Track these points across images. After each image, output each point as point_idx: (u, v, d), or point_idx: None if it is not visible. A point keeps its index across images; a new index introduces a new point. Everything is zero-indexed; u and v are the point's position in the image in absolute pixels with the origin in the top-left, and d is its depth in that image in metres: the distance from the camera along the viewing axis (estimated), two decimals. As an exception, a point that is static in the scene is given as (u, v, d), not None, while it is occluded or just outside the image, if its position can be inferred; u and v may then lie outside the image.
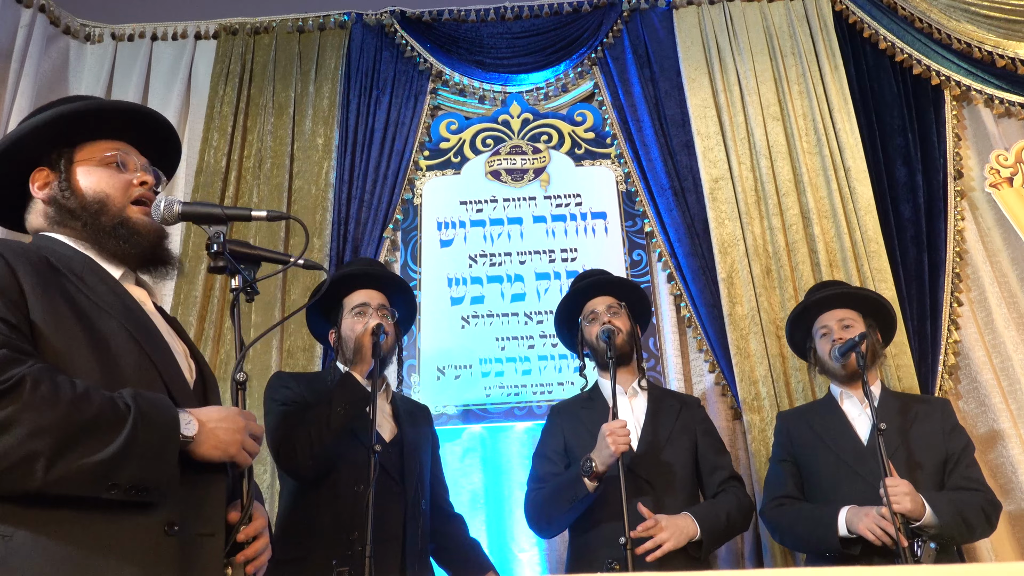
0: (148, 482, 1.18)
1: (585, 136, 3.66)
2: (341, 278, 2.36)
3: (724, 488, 2.31)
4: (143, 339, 1.33)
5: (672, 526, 2.09)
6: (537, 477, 2.37)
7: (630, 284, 2.61)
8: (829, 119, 3.55)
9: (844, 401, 2.41)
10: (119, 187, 1.45)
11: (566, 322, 2.60)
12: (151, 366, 1.32)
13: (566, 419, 2.44)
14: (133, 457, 1.17)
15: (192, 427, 1.28)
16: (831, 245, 3.32)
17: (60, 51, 3.73)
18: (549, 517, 2.25)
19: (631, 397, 2.43)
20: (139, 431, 1.18)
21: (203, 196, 3.46)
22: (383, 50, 3.80)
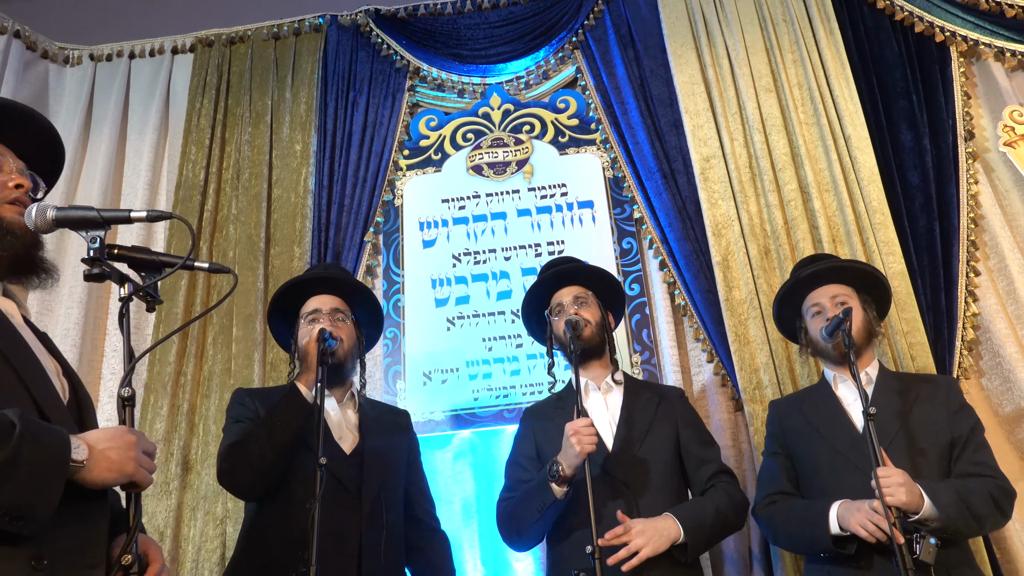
0: (27, 509, 1.08)
1: (569, 123, 3.51)
2: (293, 286, 2.27)
3: (713, 484, 2.12)
4: (10, 354, 1.23)
5: (649, 530, 1.91)
6: (508, 486, 2.22)
7: (598, 271, 2.43)
8: (826, 87, 3.34)
9: (839, 385, 2.21)
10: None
11: (535, 315, 2.45)
12: (19, 383, 1.22)
13: (538, 422, 2.28)
14: (16, 479, 1.07)
15: (82, 451, 1.19)
16: (833, 219, 3.11)
17: (39, 75, 3.73)
18: (519, 528, 2.10)
19: (605, 393, 2.27)
20: (23, 451, 1.08)
21: (182, 211, 3.40)
22: (359, 50, 3.71)
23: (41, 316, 3.27)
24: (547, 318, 2.34)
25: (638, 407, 2.22)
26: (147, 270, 1.45)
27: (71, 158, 3.57)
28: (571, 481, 1.97)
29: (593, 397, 2.25)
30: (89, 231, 1.34)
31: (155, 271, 1.44)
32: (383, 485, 2.09)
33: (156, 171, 3.59)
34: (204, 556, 2.83)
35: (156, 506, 2.91)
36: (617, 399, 2.25)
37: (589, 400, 2.24)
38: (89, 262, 1.32)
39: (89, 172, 3.59)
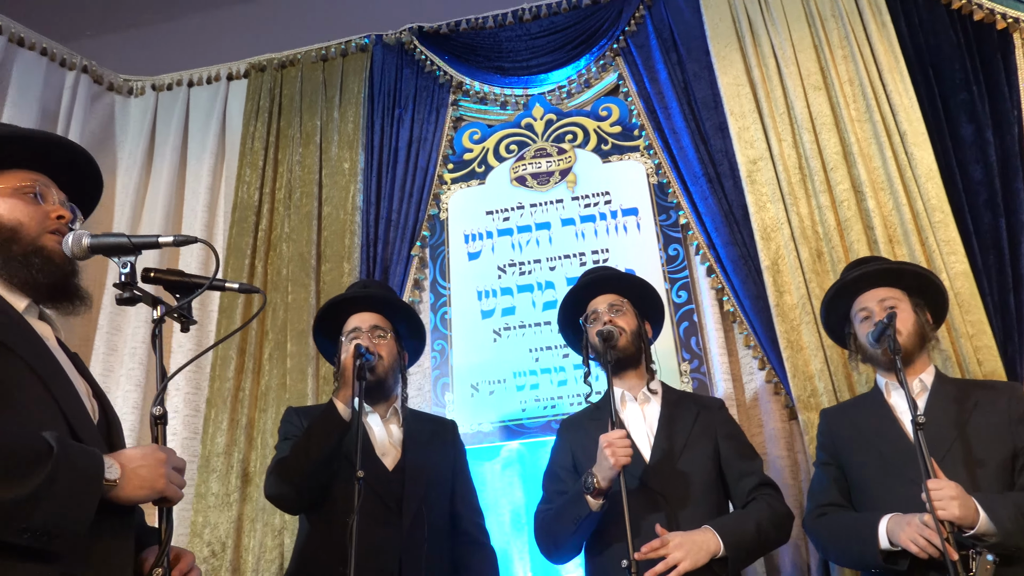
0: (63, 527, 1.13)
1: (611, 131, 3.49)
2: (334, 305, 2.32)
3: (755, 496, 2.06)
4: (46, 377, 1.29)
5: (688, 543, 1.87)
6: (545, 498, 2.21)
7: (635, 280, 2.39)
8: (879, 82, 3.22)
9: (891, 393, 2.12)
10: (35, 217, 1.41)
11: (571, 323, 2.43)
12: (53, 404, 1.27)
13: (574, 433, 2.26)
14: (53, 499, 1.12)
15: (115, 470, 1.24)
16: (889, 219, 2.99)
17: (105, 107, 3.93)
18: (556, 540, 2.08)
19: (642, 403, 2.23)
20: (60, 472, 1.13)
21: (239, 231, 3.53)
22: (403, 68, 3.78)
23: (111, 336, 3.44)
24: (582, 326, 2.32)
25: (677, 418, 2.17)
26: (181, 292, 1.49)
27: (136, 183, 3.74)
28: (607, 493, 1.95)
29: (630, 408, 2.22)
30: (121, 257, 1.40)
31: (188, 292, 1.48)
32: (425, 500, 2.11)
33: (214, 193, 3.74)
34: (264, 566, 2.91)
35: (218, 517, 3.01)
36: (655, 410, 2.21)
37: (626, 411, 2.21)
38: (121, 287, 1.37)
39: (153, 196, 3.76)
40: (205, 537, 2.96)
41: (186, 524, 3.04)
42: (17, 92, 3.50)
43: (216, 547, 2.95)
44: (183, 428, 3.24)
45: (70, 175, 1.53)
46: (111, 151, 3.88)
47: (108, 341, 3.39)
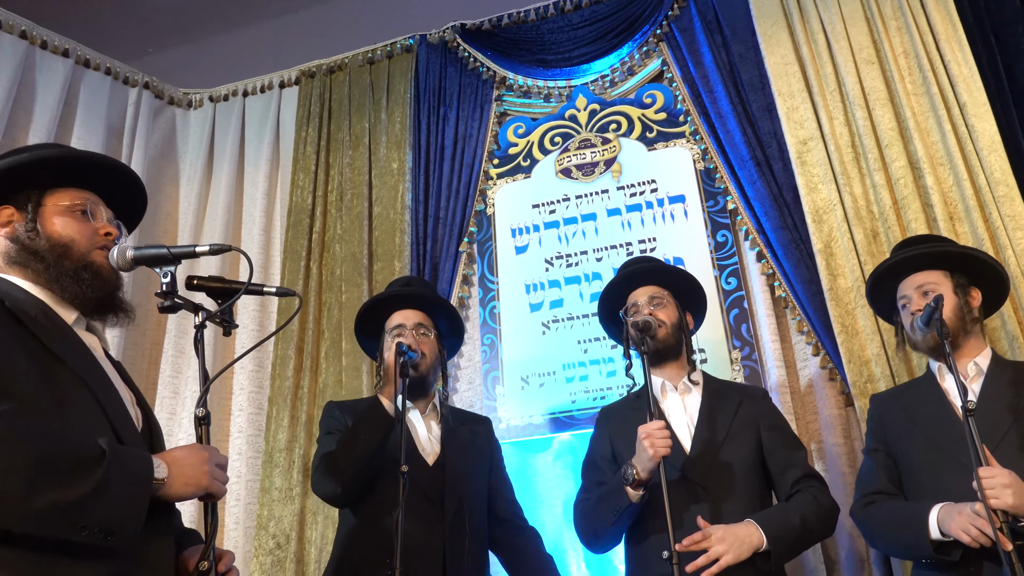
0: (116, 526, 1.20)
1: (656, 118, 3.45)
2: (378, 303, 2.38)
3: (799, 488, 2.02)
4: (96, 388, 1.36)
5: (730, 536, 1.85)
6: (585, 487, 2.22)
7: (676, 271, 2.38)
8: (936, 52, 3.08)
9: (944, 377, 2.04)
10: (86, 234, 1.49)
11: (613, 316, 2.43)
12: (101, 413, 1.34)
13: (614, 423, 2.26)
14: (106, 499, 1.18)
15: (162, 470, 1.31)
16: (949, 195, 2.87)
17: (167, 121, 4.11)
18: (596, 530, 2.09)
19: (683, 394, 2.21)
20: (112, 474, 1.20)
21: (294, 234, 3.64)
22: (447, 66, 3.82)
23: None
24: (623, 318, 2.31)
25: (718, 408, 2.15)
26: (223, 297, 1.56)
27: (198, 191, 3.91)
28: (646, 484, 1.94)
29: (671, 398, 2.21)
30: (162, 267, 1.47)
31: (230, 298, 1.55)
32: (465, 494, 2.15)
33: (271, 199, 3.87)
34: (325, 557, 3.00)
35: (282, 510, 3.13)
36: (695, 400, 2.19)
37: (667, 401, 2.20)
38: (162, 295, 1.44)
39: (214, 203, 3.91)
40: (270, 530, 3.09)
41: (252, 517, 3.17)
42: (85, 111, 3.69)
43: (281, 539, 3.07)
44: (248, 425, 3.38)
45: (117, 192, 1.61)
46: (174, 163, 4.05)
47: (174, 364, 3.53)
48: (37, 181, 1.49)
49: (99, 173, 1.58)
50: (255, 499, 3.21)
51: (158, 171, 3.96)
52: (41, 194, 1.49)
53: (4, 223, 1.47)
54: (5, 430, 1.13)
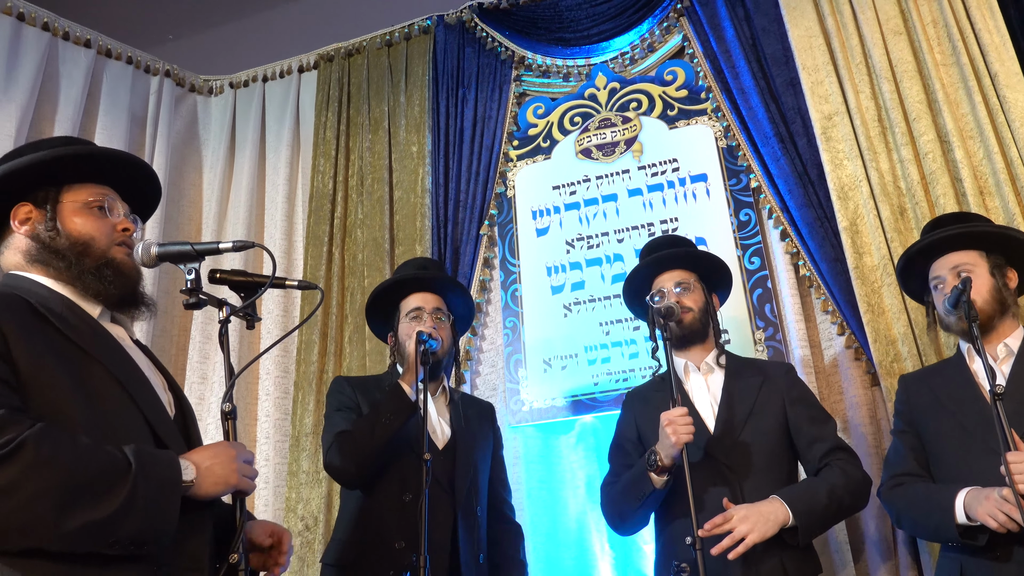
0: (147, 536, 1.22)
1: (677, 95, 3.39)
2: (393, 284, 2.39)
3: (827, 463, 2.00)
4: (125, 380, 1.38)
5: (753, 515, 1.84)
6: (612, 470, 2.23)
7: (702, 254, 2.36)
8: (967, 21, 2.99)
9: (974, 359, 2.00)
10: (104, 231, 1.50)
11: (637, 297, 2.41)
12: (134, 406, 1.36)
13: (638, 405, 2.26)
14: (134, 514, 1.20)
15: (190, 471, 1.33)
16: (980, 169, 2.79)
17: (188, 109, 4.13)
18: (622, 515, 2.11)
19: (706, 374, 2.21)
20: (139, 488, 1.21)
21: (316, 219, 3.66)
22: (465, 47, 3.79)
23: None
24: (648, 303, 2.30)
25: (740, 388, 2.14)
26: (246, 291, 1.57)
27: (220, 179, 3.94)
28: (670, 470, 1.95)
29: (694, 379, 2.20)
30: (186, 264, 1.49)
31: (252, 291, 1.56)
32: (473, 477, 2.17)
33: (292, 184, 3.88)
34: (353, 538, 3.06)
35: (310, 493, 3.18)
36: (718, 380, 2.18)
37: (690, 383, 2.19)
38: (187, 292, 1.46)
39: (236, 190, 3.94)
40: (299, 512, 3.14)
41: (281, 500, 3.23)
42: (108, 101, 3.73)
43: (309, 521, 3.13)
44: (275, 410, 3.43)
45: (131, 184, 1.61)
46: (196, 150, 4.09)
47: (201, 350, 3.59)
48: (53, 177, 1.50)
49: (114, 167, 1.59)
50: (283, 482, 3.27)
51: (181, 159, 3.99)
52: (58, 191, 1.49)
53: (23, 220, 1.48)
54: (34, 455, 1.15)
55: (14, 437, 1.15)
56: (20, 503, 1.13)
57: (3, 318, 1.28)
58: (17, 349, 1.26)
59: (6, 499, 1.13)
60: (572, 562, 2.86)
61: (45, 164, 1.47)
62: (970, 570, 1.82)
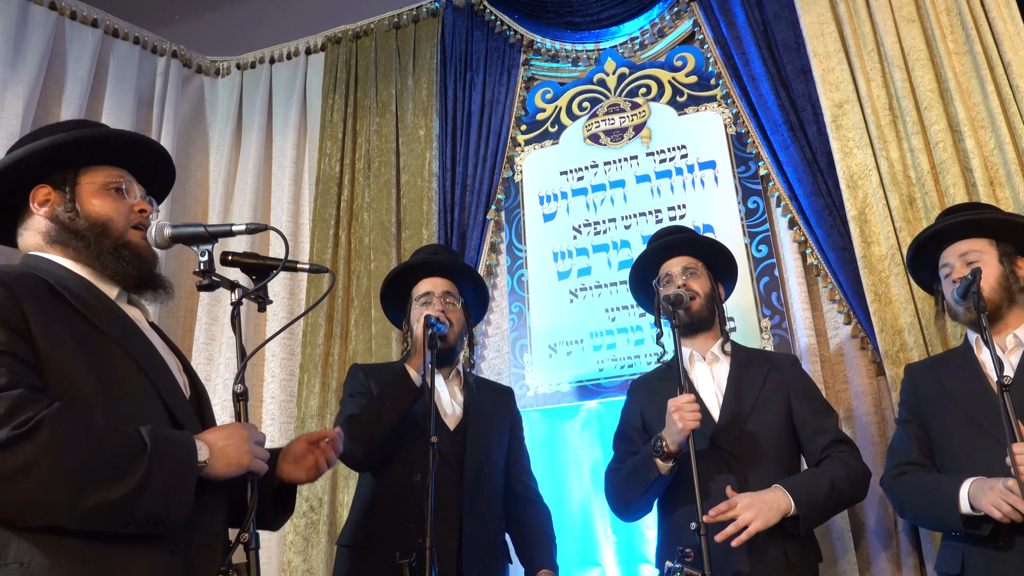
0: (163, 516, 1.24)
1: (687, 81, 3.37)
2: (404, 270, 2.39)
3: (829, 454, 2.03)
4: (143, 361, 1.39)
5: (757, 503, 1.86)
6: (617, 457, 2.25)
7: (710, 241, 2.36)
8: (980, 9, 2.96)
9: (981, 349, 2.00)
10: (122, 212, 1.51)
11: (642, 284, 2.41)
12: (151, 387, 1.38)
13: (644, 393, 2.27)
14: (149, 494, 1.22)
15: (204, 452, 1.33)
16: (991, 159, 2.78)
17: (195, 90, 4.12)
18: (626, 500, 2.12)
19: (711, 363, 2.22)
20: (155, 469, 1.23)
21: (322, 202, 3.66)
22: (474, 30, 3.77)
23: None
24: (655, 288, 2.30)
25: (746, 377, 2.15)
26: (257, 273, 1.58)
27: (227, 160, 3.93)
28: (676, 457, 1.96)
29: (699, 368, 2.21)
30: (199, 245, 1.49)
31: (264, 274, 1.56)
32: (484, 461, 2.19)
33: (299, 167, 3.88)
34: (358, 520, 3.08)
35: (315, 475, 3.20)
36: (724, 369, 2.19)
37: (695, 371, 2.20)
38: (200, 274, 1.47)
39: (243, 172, 3.94)
40: (304, 493, 3.16)
41: (286, 481, 3.25)
42: (115, 82, 3.72)
43: (314, 502, 3.15)
44: (280, 391, 3.44)
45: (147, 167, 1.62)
46: (203, 131, 4.08)
47: (207, 331, 3.60)
48: (71, 160, 1.51)
49: (130, 150, 1.59)
50: (289, 463, 3.28)
51: (187, 140, 3.98)
52: (76, 173, 1.50)
53: (42, 202, 1.49)
54: (50, 435, 1.16)
55: (32, 416, 1.16)
56: (37, 482, 1.14)
57: (24, 298, 1.28)
58: (37, 329, 1.27)
59: (24, 477, 1.14)
60: (576, 547, 2.88)
61: (64, 146, 1.48)
62: (972, 559, 1.83)
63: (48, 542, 1.18)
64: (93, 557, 1.21)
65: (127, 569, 1.23)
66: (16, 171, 1.48)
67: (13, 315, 1.26)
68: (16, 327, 1.25)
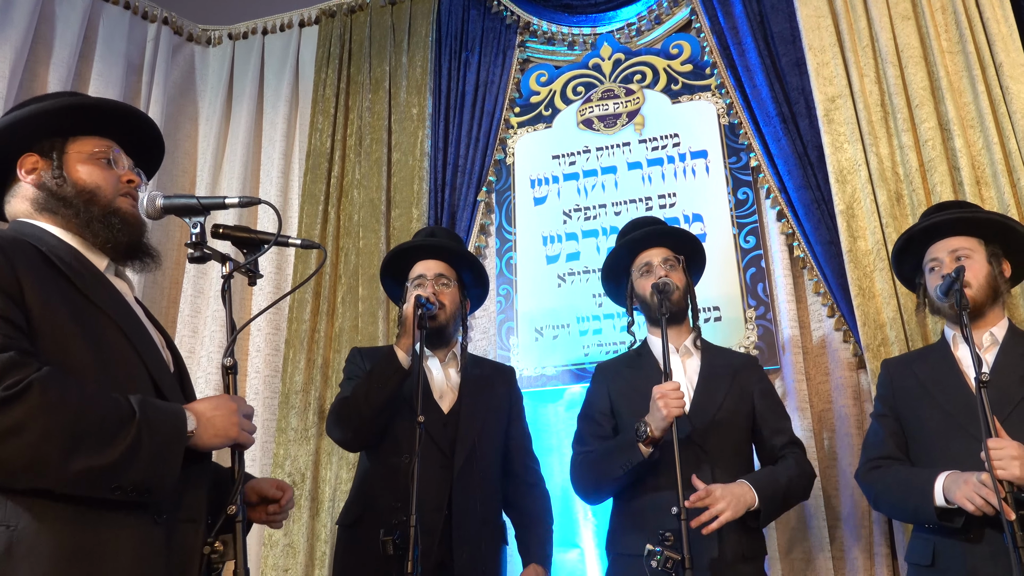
0: (150, 484, 1.25)
1: (682, 69, 3.38)
2: (402, 251, 2.40)
3: (784, 454, 2.14)
4: (130, 332, 1.39)
5: (728, 495, 1.93)
6: (584, 440, 2.27)
7: (689, 235, 2.40)
8: (975, 8, 2.98)
9: (958, 346, 2.04)
10: (110, 181, 1.50)
11: (613, 273, 2.44)
12: (137, 358, 1.38)
13: (612, 379, 2.31)
14: (137, 461, 1.23)
15: (191, 421, 1.34)
16: (978, 159, 2.81)
17: (186, 58, 4.07)
18: (598, 483, 2.15)
19: (684, 357, 2.27)
20: (143, 436, 1.24)
21: (312, 178, 3.64)
22: (470, 9, 3.74)
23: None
24: (630, 275, 2.34)
25: (716, 374, 2.22)
26: (248, 247, 1.57)
27: (217, 131, 3.89)
28: (658, 442, 1.99)
29: (672, 360, 2.23)
30: (191, 217, 1.48)
31: (255, 248, 1.56)
32: (477, 444, 2.20)
33: (289, 141, 3.85)
34: (339, 496, 3.10)
35: (298, 450, 3.21)
36: (695, 364, 2.25)
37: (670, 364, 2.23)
38: (192, 246, 1.46)
39: (232, 144, 3.90)
40: (286, 468, 3.18)
41: (269, 456, 3.26)
42: (104, 47, 3.67)
43: (296, 478, 3.16)
44: (264, 366, 3.44)
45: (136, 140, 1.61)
46: (192, 101, 4.03)
47: (192, 303, 3.59)
48: (59, 128, 1.49)
49: (119, 121, 1.58)
50: (271, 438, 3.29)
51: (176, 109, 3.94)
52: (64, 141, 1.49)
53: (30, 170, 1.48)
54: (40, 397, 1.16)
55: (22, 379, 1.16)
56: (27, 443, 1.15)
57: (18, 264, 1.28)
58: (31, 294, 1.27)
59: (13, 439, 1.15)
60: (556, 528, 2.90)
61: (52, 113, 1.47)
62: (942, 551, 1.88)
63: (37, 505, 1.19)
64: (80, 523, 1.21)
65: (113, 536, 1.24)
66: (2, 140, 1.47)
67: (8, 280, 1.25)
68: (11, 292, 1.25)
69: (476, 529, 2.12)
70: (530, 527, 2.32)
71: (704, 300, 2.98)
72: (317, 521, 3.13)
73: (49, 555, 1.18)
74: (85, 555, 1.21)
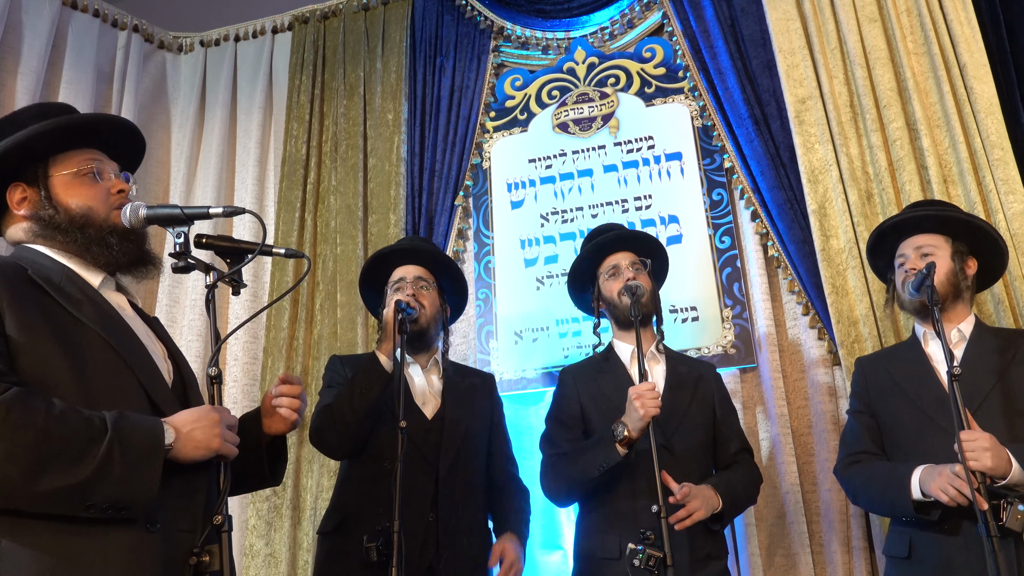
0: (125, 500, 1.24)
1: (655, 73, 3.41)
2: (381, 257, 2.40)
3: (737, 460, 2.24)
4: (119, 345, 1.38)
5: (700, 495, 2.00)
6: (554, 442, 2.27)
7: (655, 241, 2.45)
8: (939, 10, 3.05)
9: (928, 342, 2.09)
10: (100, 198, 1.49)
11: (579, 277, 2.47)
12: (128, 371, 1.37)
13: (581, 382, 2.32)
14: (109, 478, 1.22)
15: (170, 435, 1.33)
16: (945, 157, 2.88)
17: (157, 66, 4.02)
18: (571, 485, 2.16)
19: (651, 362, 2.31)
20: (115, 452, 1.23)
21: (288, 184, 3.62)
22: (444, 14, 3.75)
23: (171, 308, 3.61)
24: (597, 278, 2.37)
25: (682, 380, 2.27)
26: (231, 257, 1.56)
27: (190, 139, 3.86)
28: (633, 443, 2.01)
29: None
30: (175, 227, 1.47)
31: (239, 258, 1.55)
32: (461, 450, 2.20)
33: (264, 148, 3.82)
34: (321, 505, 3.08)
35: (278, 458, 3.18)
36: (661, 370, 2.30)
37: (634, 368, 2.26)
38: (176, 256, 1.45)
39: (206, 152, 3.87)
40: (267, 477, 3.15)
41: (249, 465, 3.23)
42: (74, 54, 3.62)
43: (276, 487, 3.13)
44: (243, 375, 3.41)
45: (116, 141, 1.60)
46: (164, 108, 3.99)
47: (168, 313, 3.55)
48: (37, 152, 1.48)
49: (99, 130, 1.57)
50: (252, 447, 3.26)
51: (149, 117, 3.90)
52: (46, 165, 1.48)
53: (20, 201, 1.47)
54: (5, 414, 1.16)
55: None
56: None
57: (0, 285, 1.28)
58: (9, 314, 1.27)
59: None
60: (539, 529, 2.92)
61: (25, 145, 1.45)
62: (919, 543, 1.92)
63: (19, 524, 1.18)
64: (64, 538, 1.21)
65: (100, 550, 1.23)
66: None
67: None
68: None
69: (461, 535, 2.12)
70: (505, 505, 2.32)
71: (681, 300, 3.03)
72: (299, 530, 3.11)
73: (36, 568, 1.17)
74: (72, 566, 1.20)
